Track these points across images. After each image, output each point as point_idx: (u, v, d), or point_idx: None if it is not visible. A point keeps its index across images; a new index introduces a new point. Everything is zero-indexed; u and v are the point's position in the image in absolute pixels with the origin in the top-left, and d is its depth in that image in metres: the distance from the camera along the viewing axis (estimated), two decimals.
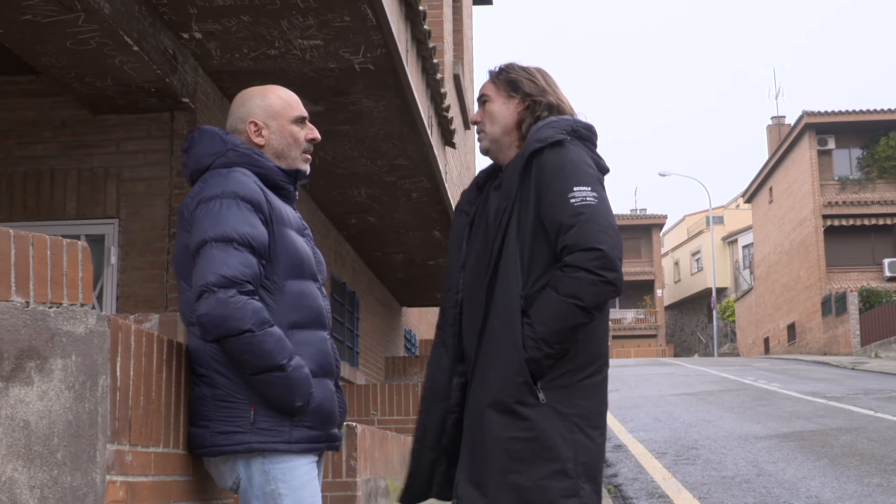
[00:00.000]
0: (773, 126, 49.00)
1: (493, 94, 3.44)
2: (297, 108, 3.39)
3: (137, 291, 6.55)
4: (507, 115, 3.40)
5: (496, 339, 3.19)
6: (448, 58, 14.14)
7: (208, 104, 6.89)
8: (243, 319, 2.95)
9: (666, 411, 15.33)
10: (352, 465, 5.45)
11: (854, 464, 9.35)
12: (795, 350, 42.70)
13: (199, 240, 3.04)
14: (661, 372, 27.44)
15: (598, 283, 3.07)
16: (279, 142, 3.33)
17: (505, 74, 3.45)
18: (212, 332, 2.98)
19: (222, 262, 2.98)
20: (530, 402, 3.12)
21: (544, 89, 3.40)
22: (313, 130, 3.41)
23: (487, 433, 3.16)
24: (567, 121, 3.34)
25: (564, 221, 3.12)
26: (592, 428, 3.19)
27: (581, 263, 3.07)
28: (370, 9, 5.99)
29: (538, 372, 3.12)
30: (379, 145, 8.61)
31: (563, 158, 3.20)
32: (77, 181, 6.76)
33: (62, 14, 5.39)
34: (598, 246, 3.07)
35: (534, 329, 3.11)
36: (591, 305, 3.09)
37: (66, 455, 2.42)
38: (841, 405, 15.36)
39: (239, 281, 2.98)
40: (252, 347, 2.97)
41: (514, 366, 3.12)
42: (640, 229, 63.37)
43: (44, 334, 2.41)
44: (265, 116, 3.34)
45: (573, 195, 3.13)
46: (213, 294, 2.95)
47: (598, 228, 3.09)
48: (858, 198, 39.71)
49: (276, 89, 3.43)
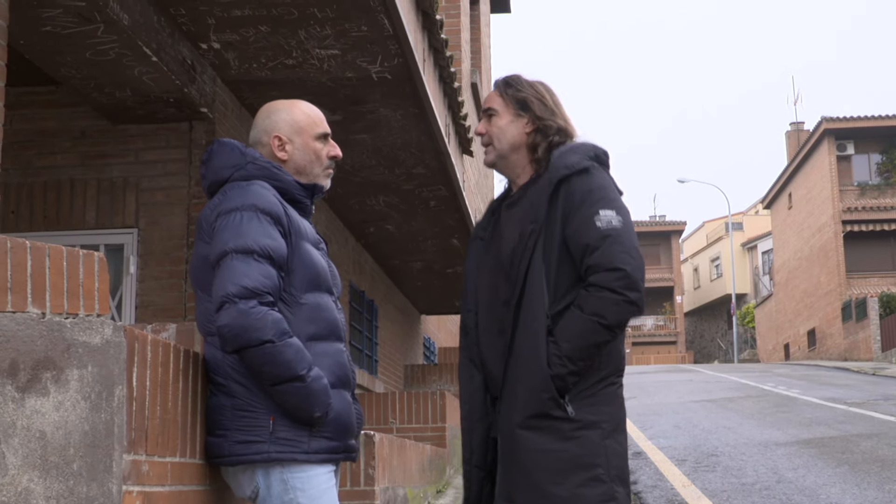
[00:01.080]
0: (791, 132, 48.83)
1: (500, 109, 3.49)
2: (322, 124, 3.41)
3: (156, 301, 6.58)
4: (515, 134, 3.46)
5: (523, 358, 3.26)
6: (465, 66, 14.16)
7: (226, 114, 6.92)
8: (264, 330, 2.97)
9: (685, 418, 15.28)
10: (370, 474, 5.46)
11: (875, 470, 9.29)
12: (816, 356, 42.49)
13: (220, 251, 3.06)
14: (680, 378, 27.34)
15: (621, 303, 3.19)
16: (302, 157, 3.36)
17: (514, 91, 3.48)
18: (232, 343, 2.99)
19: (243, 274, 3.00)
20: (559, 415, 3.21)
21: (553, 111, 3.46)
22: (335, 147, 3.43)
23: (521, 451, 3.24)
24: (589, 146, 3.43)
25: (591, 243, 3.22)
26: (619, 432, 3.31)
27: (605, 283, 3.19)
28: (387, 18, 6.01)
29: (563, 388, 3.21)
30: (396, 154, 8.63)
31: (590, 184, 3.29)
32: (96, 191, 6.79)
33: (82, 25, 5.42)
34: (622, 266, 3.19)
35: (559, 346, 3.20)
36: (614, 323, 3.20)
37: (83, 465, 2.43)
38: (861, 411, 15.27)
39: (260, 292, 3.00)
40: (272, 358, 2.98)
41: (540, 383, 3.21)
42: (659, 236, 63.22)
43: (60, 345, 2.42)
44: (290, 132, 3.36)
45: (599, 218, 3.23)
46: (234, 305, 2.97)
47: (622, 250, 3.21)
48: (878, 203, 39.53)
49: (301, 104, 3.44)
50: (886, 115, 39.39)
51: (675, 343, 62.11)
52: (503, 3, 21.25)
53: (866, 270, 39.73)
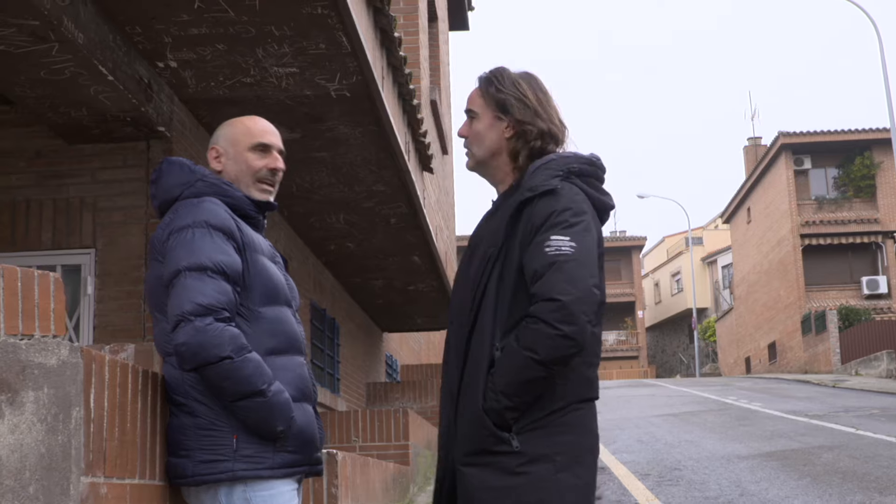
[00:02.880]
0: (749, 147, 49.24)
1: (480, 112, 3.27)
2: (260, 136, 3.38)
3: (115, 321, 6.52)
4: (494, 140, 3.25)
5: (467, 388, 3.08)
6: (425, 84, 14.19)
7: (184, 133, 6.88)
8: (221, 346, 2.95)
9: (648, 432, 15.32)
10: (333, 493, 5.42)
11: (836, 482, 9.35)
12: (777, 369, 42.78)
13: (173, 270, 3.04)
14: (643, 393, 27.44)
15: (554, 337, 2.89)
16: (233, 168, 3.35)
17: (495, 90, 3.25)
18: (190, 361, 2.97)
19: (198, 291, 2.98)
20: (501, 450, 2.98)
21: (536, 112, 3.22)
22: (277, 160, 3.39)
23: (466, 488, 3.04)
24: (566, 159, 3.18)
25: (538, 270, 2.98)
26: (577, 465, 3.03)
27: (540, 314, 2.92)
28: (345, 36, 6.00)
29: (502, 423, 2.97)
30: (356, 172, 8.61)
31: (553, 207, 3.04)
32: (53, 211, 6.72)
33: (36, 44, 5.37)
34: (558, 297, 2.90)
35: (494, 380, 2.98)
36: (547, 360, 2.91)
37: (39, 489, 2.39)
38: (822, 423, 15.39)
39: (215, 308, 2.98)
40: (231, 374, 2.96)
41: (478, 418, 3.00)
42: (619, 251, 63.50)
43: (15, 367, 2.39)
44: (225, 143, 3.38)
45: (549, 244, 2.98)
46: (190, 323, 2.95)
47: (564, 279, 2.93)
48: (835, 217, 39.94)
49: (249, 119, 3.44)
50: (843, 129, 39.85)
51: (637, 358, 62.34)
52: (462, 21, 21.34)
53: (825, 284, 40.11)
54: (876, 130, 39.27)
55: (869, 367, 31.96)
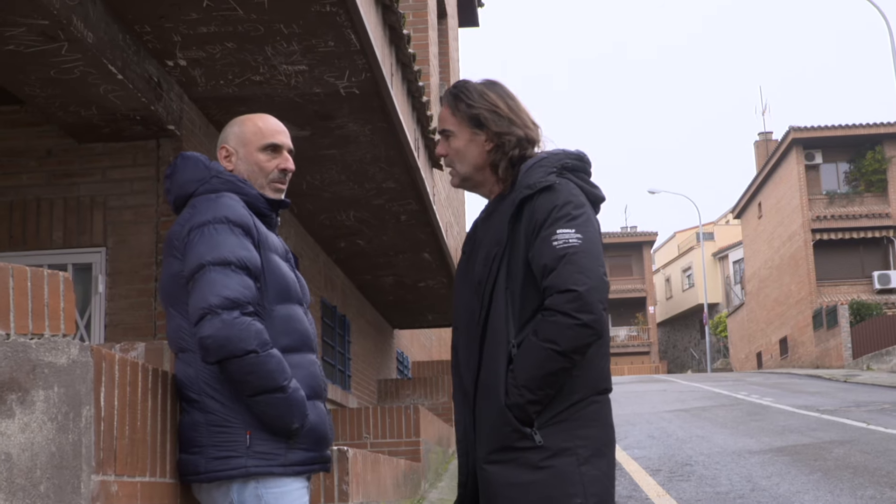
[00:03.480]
0: (760, 142, 49.16)
1: (455, 129, 3.28)
2: (271, 136, 3.38)
3: (126, 319, 6.53)
4: (475, 155, 3.27)
5: (486, 389, 3.10)
6: (434, 80, 14.19)
7: (194, 131, 6.89)
8: (248, 340, 2.97)
9: (660, 428, 15.32)
10: (343, 490, 5.43)
11: (847, 476, 9.34)
12: (788, 364, 42.71)
13: (196, 264, 3.05)
14: (654, 388, 27.42)
15: (574, 327, 2.96)
16: (245, 169, 3.35)
17: (465, 106, 3.26)
18: (215, 354, 2.98)
19: (223, 285, 3.00)
20: (525, 445, 3.02)
21: (510, 120, 3.25)
22: (287, 161, 3.40)
23: (491, 486, 3.06)
24: (556, 156, 3.23)
25: (548, 264, 3.02)
26: (598, 457, 3.08)
27: (557, 306, 2.98)
28: (354, 34, 6.00)
29: (525, 418, 3.01)
30: (366, 169, 8.62)
31: (553, 202, 3.09)
32: (63, 210, 6.74)
33: (45, 44, 5.38)
34: (573, 288, 2.96)
35: (515, 375, 3.01)
36: (568, 350, 2.97)
37: (50, 487, 2.40)
38: (834, 418, 15.36)
39: (241, 302, 3.00)
40: (256, 368, 2.98)
41: (500, 415, 3.03)
42: (630, 247, 63.44)
43: (25, 366, 2.40)
44: (235, 143, 3.38)
45: (556, 238, 3.03)
46: (217, 316, 2.96)
47: (576, 270, 2.99)
48: (846, 211, 39.84)
49: (258, 118, 3.44)
50: (854, 124, 39.74)
51: (649, 353, 62.26)
52: (471, 17, 21.33)
53: (836, 278, 40.02)
54: (887, 125, 39.18)
55: (881, 362, 31.89)
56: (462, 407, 3.24)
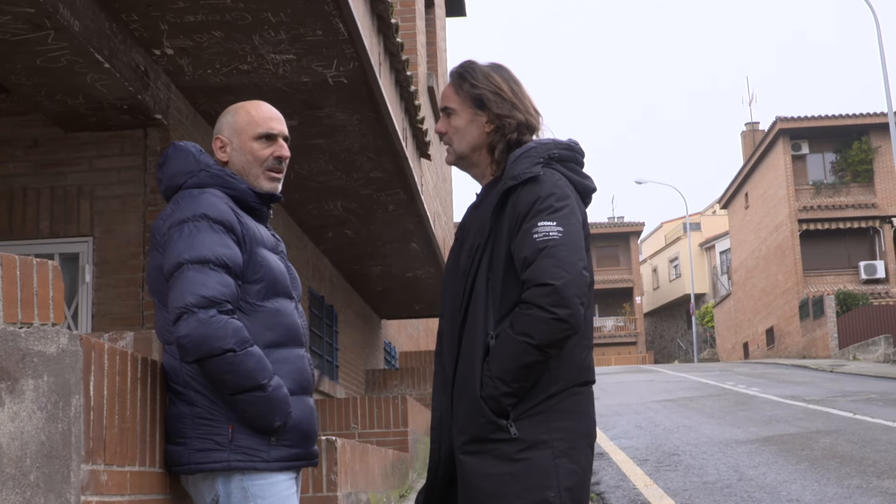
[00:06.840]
0: (747, 132, 49.25)
1: (457, 108, 3.29)
2: (264, 124, 3.34)
3: (113, 309, 6.52)
4: (475, 135, 3.27)
5: (463, 379, 3.10)
6: (422, 70, 14.18)
7: (181, 120, 6.87)
8: (225, 339, 2.94)
9: (647, 418, 15.35)
10: (332, 480, 5.43)
11: (834, 466, 9.37)
12: (775, 354, 42.85)
13: (174, 263, 3.03)
14: (641, 379, 27.47)
15: (549, 321, 2.93)
16: (239, 159, 3.32)
17: (469, 86, 3.27)
18: (193, 353, 2.96)
19: (200, 283, 2.97)
20: (499, 437, 3.01)
21: (513, 104, 3.26)
22: (281, 148, 3.35)
23: (465, 476, 3.06)
24: (545, 146, 3.21)
25: (528, 256, 3.01)
26: (575, 449, 3.06)
27: (534, 300, 2.96)
28: (342, 23, 5.99)
29: (499, 409, 3.00)
30: (354, 158, 8.60)
31: (537, 193, 3.08)
32: (50, 200, 6.71)
33: (31, 32, 5.36)
34: (549, 281, 2.94)
35: (490, 367, 3.00)
36: (543, 344, 2.95)
37: (40, 476, 2.40)
38: (820, 408, 15.41)
39: (218, 301, 2.97)
40: (234, 367, 2.96)
41: (475, 406, 3.02)
42: (617, 237, 63.53)
43: (14, 355, 2.39)
44: (229, 133, 3.34)
45: (537, 230, 3.01)
46: (194, 314, 2.94)
47: (554, 263, 2.96)
48: (833, 202, 39.96)
49: (251, 106, 3.39)
50: (840, 114, 39.84)
51: (636, 343, 62.41)
52: (458, 7, 21.30)
53: (822, 269, 40.14)
54: (873, 115, 39.27)
55: (867, 352, 32.02)
56: (441, 395, 3.24)
